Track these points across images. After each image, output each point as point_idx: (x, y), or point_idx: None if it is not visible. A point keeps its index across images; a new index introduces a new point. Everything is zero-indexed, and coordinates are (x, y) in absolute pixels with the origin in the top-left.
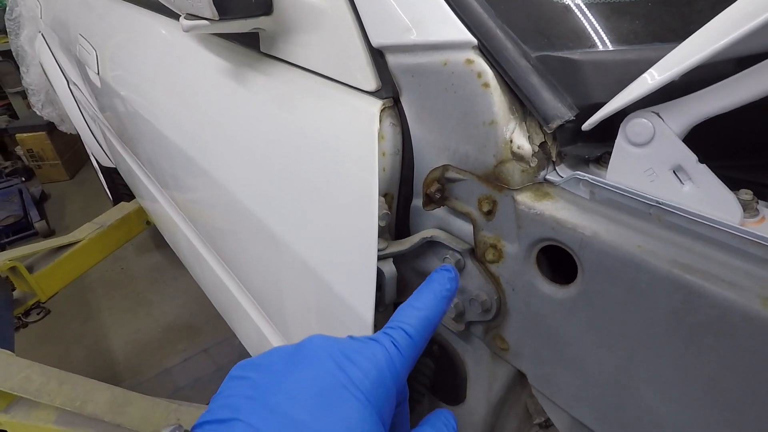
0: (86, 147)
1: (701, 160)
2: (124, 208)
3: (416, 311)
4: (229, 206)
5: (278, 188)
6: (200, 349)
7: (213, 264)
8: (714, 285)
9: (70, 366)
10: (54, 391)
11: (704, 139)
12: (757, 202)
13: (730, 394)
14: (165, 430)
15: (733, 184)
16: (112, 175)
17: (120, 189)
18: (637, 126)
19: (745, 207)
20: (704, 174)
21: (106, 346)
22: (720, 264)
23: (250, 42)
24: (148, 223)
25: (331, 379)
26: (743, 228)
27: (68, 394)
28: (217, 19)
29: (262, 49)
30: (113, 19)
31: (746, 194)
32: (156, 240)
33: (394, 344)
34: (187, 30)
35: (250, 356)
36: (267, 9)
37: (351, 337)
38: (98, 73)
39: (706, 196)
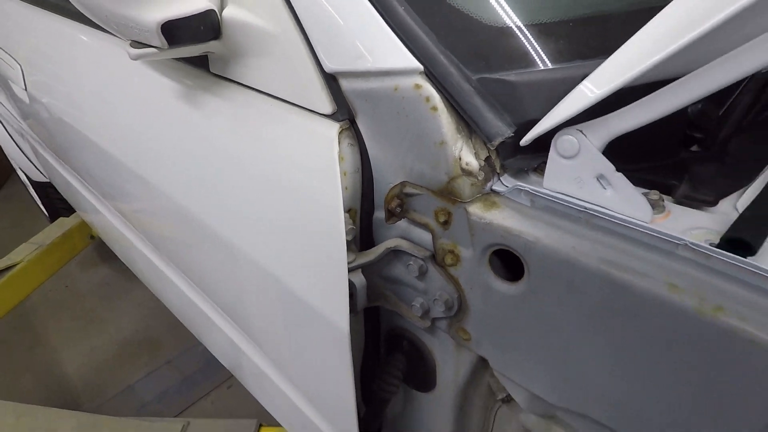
0: (11, 161)
1: (618, 169)
2: (65, 224)
3: None
4: (191, 225)
5: (245, 208)
6: (163, 361)
7: (174, 278)
8: (632, 276)
9: (21, 397)
10: (11, 425)
11: (617, 148)
12: (662, 200)
13: (650, 363)
14: None
15: (645, 185)
16: (47, 189)
17: (57, 203)
18: (565, 142)
19: (654, 205)
20: (621, 180)
21: (59, 371)
22: (636, 258)
23: (198, 62)
24: (93, 237)
25: None
26: (650, 225)
27: (28, 427)
28: (166, 47)
29: (211, 70)
30: (40, 31)
31: (654, 195)
32: (101, 253)
33: None
34: (135, 59)
35: (219, 362)
36: (215, 34)
37: None
38: (26, 89)
39: (624, 198)
